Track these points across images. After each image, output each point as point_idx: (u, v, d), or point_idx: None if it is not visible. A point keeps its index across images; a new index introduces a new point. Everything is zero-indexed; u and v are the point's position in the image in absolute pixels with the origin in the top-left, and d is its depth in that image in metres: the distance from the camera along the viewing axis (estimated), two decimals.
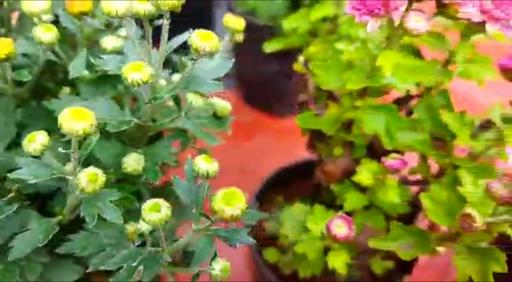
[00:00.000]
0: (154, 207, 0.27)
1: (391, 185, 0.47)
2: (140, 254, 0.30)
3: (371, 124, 0.44)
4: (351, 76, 0.42)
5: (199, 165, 0.29)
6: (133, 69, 0.30)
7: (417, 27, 0.35)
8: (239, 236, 0.30)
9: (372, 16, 0.35)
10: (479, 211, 0.37)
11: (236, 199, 0.26)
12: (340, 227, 0.40)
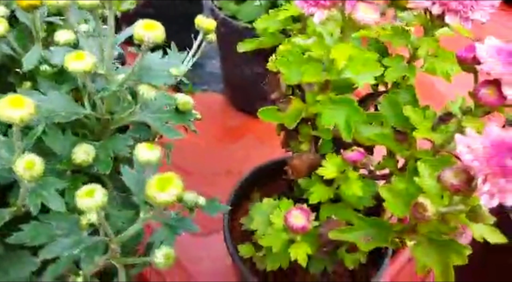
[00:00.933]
0: (88, 193, 0.28)
1: (354, 178, 0.47)
2: (83, 243, 0.30)
3: (330, 118, 0.44)
4: (308, 69, 0.43)
5: (141, 153, 0.30)
6: (75, 58, 0.30)
7: (365, 19, 0.36)
8: (183, 224, 0.30)
9: (319, 8, 0.35)
10: (433, 201, 0.37)
11: (170, 184, 0.26)
12: (297, 218, 0.40)
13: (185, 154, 1.05)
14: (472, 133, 0.33)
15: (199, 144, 1.07)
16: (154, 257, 0.31)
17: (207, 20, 0.60)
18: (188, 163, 1.03)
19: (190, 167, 1.02)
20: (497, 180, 0.30)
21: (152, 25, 0.32)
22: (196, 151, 1.05)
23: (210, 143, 1.07)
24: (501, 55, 0.37)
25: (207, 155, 1.05)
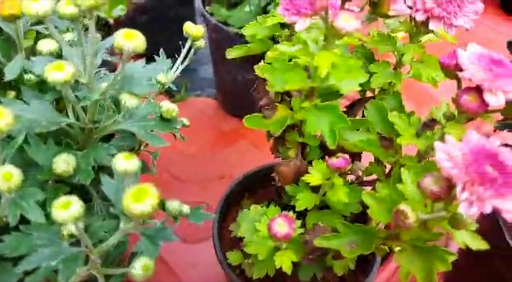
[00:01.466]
0: (63, 205, 0.27)
1: (340, 185, 0.47)
2: (62, 254, 0.30)
3: (314, 125, 0.44)
4: (292, 76, 0.43)
5: (118, 163, 0.30)
6: (55, 69, 0.30)
7: (345, 26, 0.36)
8: (164, 234, 0.30)
9: (300, 16, 0.36)
10: (415, 208, 0.37)
11: (146, 195, 0.26)
12: (281, 225, 0.40)
13: (178, 160, 1.05)
14: (452, 140, 0.33)
15: (192, 150, 1.07)
16: (132, 268, 0.31)
17: (195, 27, 0.60)
18: (181, 170, 1.03)
19: (183, 173, 1.02)
20: (476, 188, 0.30)
21: (132, 35, 0.32)
22: (189, 157, 1.05)
23: (203, 149, 1.07)
24: (482, 61, 0.38)
25: (200, 161, 1.05)
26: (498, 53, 0.39)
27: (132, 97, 0.36)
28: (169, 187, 0.99)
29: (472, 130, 0.33)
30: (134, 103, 0.36)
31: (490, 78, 0.36)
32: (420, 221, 0.36)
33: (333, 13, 0.37)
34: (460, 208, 0.31)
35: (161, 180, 1.01)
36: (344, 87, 0.45)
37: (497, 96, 0.36)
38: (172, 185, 1.00)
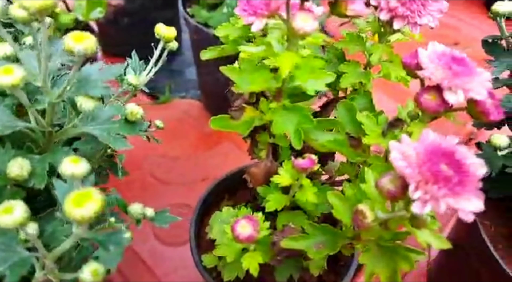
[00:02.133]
0: (6, 210, 0.27)
1: (308, 185, 0.47)
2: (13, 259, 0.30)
3: (281, 125, 0.44)
4: (257, 77, 0.43)
5: (64, 167, 0.29)
6: (3, 72, 0.30)
7: (303, 27, 0.36)
8: (115, 239, 0.30)
9: (257, 17, 0.35)
10: (377, 208, 0.37)
11: (88, 200, 0.26)
12: (244, 227, 0.40)
13: (161, 163, 1.04)
14: (407, 140, 0.33)
15: (176, 152, 1.06)
16: (81, 273, 0.30)
17: (167, 29, 0.60)
18: (165, 172, 1.02)
19: (167, 176, 1.02)
20: (429, 187, 0.30)
21: (82, 37, 0.32)
22: (173, 159, 1.05)
23: (187, 151, 1.06)
24: (443, 60, 0.37)
25: (184, 163, 1.04)
26: (461, 51, 0.39)
27: (89, 100, 0.35)
28: (153, 190, 0.99)
29: (429, 129, 0.33)
30: (90, 105, 0.35)
31: (449, 77, 0.36)
32: (379, 221, 0.35)
33: (292, 14, 0.36)
34: (413, 207, 0.30)
35: (145, 183, 1.00)
36: (310, 87, 0.45)
37: (457, 95, 0.36)
38: (156, 188, 0.99)
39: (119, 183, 0.98)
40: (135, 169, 1.02)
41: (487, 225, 0.70)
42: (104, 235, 0.30)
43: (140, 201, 0.96)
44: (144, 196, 0.97)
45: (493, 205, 0.71)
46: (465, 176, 0.31)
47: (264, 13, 0.35)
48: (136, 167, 1.02)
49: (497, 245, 0.67)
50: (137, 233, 0.94)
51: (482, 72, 0.38)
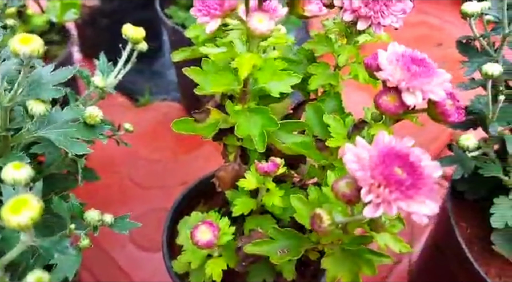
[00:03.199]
0: None
1: (273, 189, 0.47)
2: None
3: (244, 128, 0.43)
4: (218, 79, 0.42)
5: (5, 172, 0.28)
6: None
7: (259, 27, 0.35)
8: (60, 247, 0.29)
9: (211, 17, 0.35)
10: (337, 211, 0.36)
11: (25, 207, 0.25)
12: (204, 233, 0.39)
13: (140, 166, 1.03)
14: (362, 142, 0.32)
15: (155, 155, 1.05)
16: (24, 279, 0.29)
17: (134, 29, 0.58)
18: (143, 176, 1.01)
19: (146, 179, 1.00)
20: (381, 190, 0.30)
21: (28, 39, 0.31)
22: (152, 163, 1.03)
23: (167, 154, 1.05)
24: (402, 61, 0.37)
25: (163, 166, 1.03)
26: (422, 52, 0.39)
27: (39, 103, 0.34)
28: (131, 194, 0.98)
29: (384, 132, 0.33)
30: (41, 109, 0.34)
31: (407, 78, 0.36)
32: (336, 225, 0.35)
33: (249, 14, 0.36)
34: (364, 211, 0.30)
35: (123, 187, 0.99)
36: (273, 89, 0.44)
37: (416, 96, 0.36)
38: (134, 192, 0.98)
39: (95, 188, 0.97)
40: (113, 173, 1.00)
41: (463, 226, 0.70)
42: (50, 242, 0.29)
43: (118, 206, 0.95)
44: (121, 200, 0.96)
45: (469, 207, 0.71)
46: (419, 178, 0.31)
47: (218, 13, 0.34)
48: (114, 171, 1.01)
49: (473, 246, 0.67)
50: (114, 239, 0.93)
51: (442, 73, 0.37)
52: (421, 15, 1.66)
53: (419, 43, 1.66)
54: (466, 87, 0.68)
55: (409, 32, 1.58)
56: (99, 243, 0.90)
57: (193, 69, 0.44)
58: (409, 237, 0.96)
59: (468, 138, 0.48)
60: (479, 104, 0.55)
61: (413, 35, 1.57)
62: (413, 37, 1.56)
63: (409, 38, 1.54)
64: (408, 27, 1.64)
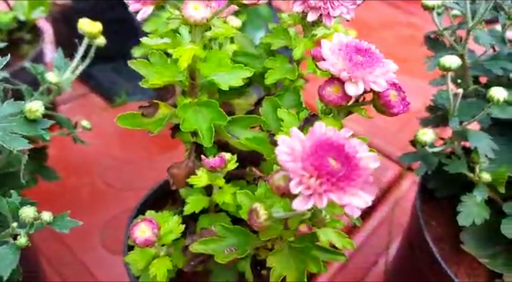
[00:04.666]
0: None
1: (222, 185, 0.45)
2: None
3: (191, 122, 0.42)
4: (162, 71, 0.40)
5: None
6: None
7: (193, 15, 0.34)
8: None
9: (142, 4, 0.33)
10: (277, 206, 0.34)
11: None
12: (142, 231, 0.37)
13: (113, 167, 1.01)
14: (297, 133, 0.31)
15: (128, 156, 1.03)
16: None
17: (90, 24, 0.57)
18: (116, 177, 0.99)
19: (118, 180, 0.98)
20: (312, 182, 0.28)
21: None
22: (126, 163, 1.02)
23: (141, 154, 1.03)
24: (346, 51, 0.36)
25: (137, 167, 1.01)
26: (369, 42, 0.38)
27: None
28: (103, 195, 0.96)
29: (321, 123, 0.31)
30: None
31: (349, 68, 0.35)
32: (274, 220, 0.33)
33: (184, 1, 0.34)
34: (293, 203, 0.28)
35: (95, 188, 0.97)
36: (222, 82, 0.43)
37: (358, 86, 0.35)
38: (106, 193, 0.96)
39: (66, 189, 0.95)
40: (85, 174, 0.98)
41: (433, 225, 0.68)
42: None
43: (88, 208, 0.93)
44: (93, 202, 0.94)
45: (440, 205, 0.69)
46: (354, 170, 0.29)
47: (148, 1, 0.33)
48: (87, 172, 0.99)
49: (443, 245, 0.66)
50: (84, 242, 0.91)
51: (387, 63, 0.36)
52: (406, 15, 1.66)
53: (403, 43, 1.65)
54: (437, 84, 0.67)
55: (394, 32, 1.58)
56: (70, 245, 0.87)
57: (140, 61, 0.43)
58: (387, 236, 0.95)
59: (425, 133, 0.47)
60: (441, 99, 0.54)
61: (397, 35, 1.57)
62: (397, 36, 1.56)
63: (393, 38, 1.54)
64: (394, 27, 1.64)
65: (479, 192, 0.52)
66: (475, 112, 0.54)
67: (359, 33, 1.68)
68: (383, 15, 1.65)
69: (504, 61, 0.57)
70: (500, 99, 0.45)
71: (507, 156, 0.54)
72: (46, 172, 0.64)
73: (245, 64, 0.54)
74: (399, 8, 1.69)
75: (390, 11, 1.68)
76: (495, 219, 0.58)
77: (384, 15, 1.65)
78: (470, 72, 0.62)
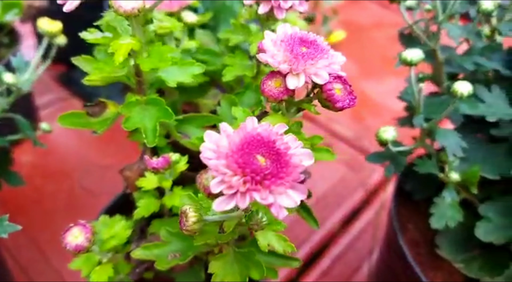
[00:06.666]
0: None
1: (177, 188, 0.43)
2: None
3: (136, 121, 0.40)
4: (102, 67, 0.38)
5: None
6: None
7: (123, 5, 0.32)
8: None
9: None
10: None
11: None
12: (75, 236, 0.35)
13: (92, 172, 0.99)
14: (227, 128, 0.29)
15: (107, 161, 1.01)
16: None
17: (50, 23, 0.55)
18: (95, 182, 0.97)
19: (97, 186, 0.96)
20: (234, 180, 0.26)
21: None
22: (105, 169, 0.99)
23: (120, 159, 1.01)
24: (286, 42, 0.34)
25: (116, 172, 0.99)
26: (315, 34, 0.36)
27: None
28: (81, 201, 0.93)
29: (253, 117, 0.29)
30: None
31: (289, 59, 0.32)
32: (206, 223, 0.31)
33: None
34: (214, 204, 0.26)
35: (73, 193, 0.95)
36: (171, 79, 0.41)
37: (299, 79, 0.32)
38: (84, 199, 0.94)
39: (43, 194, 0.93)
40: (64, 180, 0.97)
41: (410, 228, 0.66)
42: None
43: (66, 214, 0.91)
44: (70, 208, 0.92)
45: (418, 207, 0.67)
46: (283, 167, 0.27)
47: None
48: (65, 177, 0.97)
49: (420, 250, 0.63)
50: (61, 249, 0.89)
51: (334, 55, 0.34)
52: (397, 15, 1.63)
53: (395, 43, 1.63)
54: (423, 76, 0.65)
55: (385, 32, 1.55)
56: (46, 253, 0.85)
57: (84, 57, 0.41)
58: (371, 240, 0.92)
59: (385, 131, 0.44)
60: (407, 95, 0.51)
61: (388, 35, 1.54)
62: (388, 37, 1.54)
63: (384, 38, 1.52)
64: (385, 27, 1.62)
65: (449, 193, 0.49)
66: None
67: (350, 33, 1.65)
68: (374, 15, 1.63)
69: (477, 56, 0.54)
70: (464, 93, 0.42)
71: (480, 155, 0.51)
72: (10, 177, 0.62)
73: (205, 62, 0.53)
74: (390, 8, 1.67)
75: (381, 11, 1.66)
76: (471, 222, 0.55)
77: (375, 15, 1.63)
78: (445, 68, 0.60)
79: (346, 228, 0.93)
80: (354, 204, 0.98)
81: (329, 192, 1.00)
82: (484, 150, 0.52)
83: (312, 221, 0.42)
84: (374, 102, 1.22)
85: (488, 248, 0.54)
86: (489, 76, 0.61)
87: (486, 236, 0.51)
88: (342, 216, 0.95)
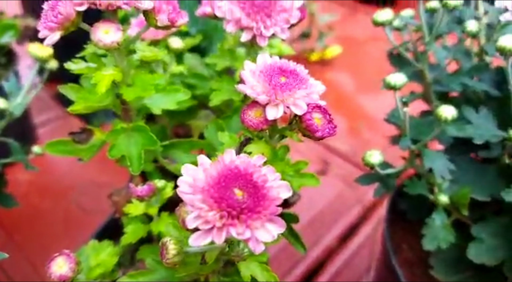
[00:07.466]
0: None
1: (165, 215, 0.43)
2: None
3: (121, 148, 0.40)
4: (87, 96, 0.39)
5: None
6: None
7: (102, 39, 0.32)
8: None
9: (49, 30, 0.32)
10: None
11: None
12: (60, 266, 0.35)
13: (88, 190, 0.99)
14: (204, 161, 0.29)
15: (103, 179, 1.01)
16: None
17: (40, 48, 0.56)
18: (90, 200, 0.97)
19: (92, 204, 0.96)
20: (210, 216, 0.26)
21: None
22: (100, 186, 1.00)
23: (116, 177, 1.01)
24: (264, 73, 0.34)
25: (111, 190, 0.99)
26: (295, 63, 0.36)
27: None
28: (76, 220, 0.93)
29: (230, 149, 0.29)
30: None
31: (268, 90, 0.33)
32: (187, 255, 0.31)
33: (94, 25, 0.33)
34: (190, 240, 0.26)
35: (69, 213, 0.95)
36: (155, 106, 0.41)
37: (278, 109, 0.33)
38: (79, 218, 0.94)
39: (39, 213, 0.94)
40: (60, 199, 0.97)
41: (404, 248, 0.65)
42: None
43: (60, 232, 0.91)
44: (65, 226, 0.92)
45: (412, 227, 0.66)
46: (261, 200, 0.27)
47: (54, 26, 0.31)
48: (61, 197, 0.98)
49: (415, 270, 0.62)
50: None
51: (313, 85, 0.34)
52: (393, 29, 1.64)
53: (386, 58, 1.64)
54: (407, 100, 0.65)
55: (381, 46, 1.56)
56: (40, 272, 0.85)
57: (70, 86, 0.42)
58: (369, 256, 0.91)
59: (372, 155, 0.44)
60: (393, 117, 0.52)
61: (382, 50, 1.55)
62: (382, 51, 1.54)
63: (380, 52, 1.52)
64: (380, 41, 1.63)
65: (439, 215, 0.49)
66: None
67: (346, 48, 1.66)
68: (369, 30, 1.64)
69: (465, 77, 0.54)
70: (448, 117, 0.42)
71: (470, 176, 0.51)
72: (4, 199, 0.63)
73: (193, 86, 0.53)
74: None
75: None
76: (465, 243, 0.55)
77: (370, 29, 1.64)
78: (434, 87, 0.60)
79: (343, 244, 0.92)
80: (352, 220, 0.97)
81: (326, 208, 1.00)
82: (474, 171, 0.52)
83: (300, 246, 0.42)
84: (370, 116, 1.22)
85: (481, 269, 0.53)
86: (480, 95, 0.61)
87: (477, 257, 0.50)
88: (339, 233, 0.94)
